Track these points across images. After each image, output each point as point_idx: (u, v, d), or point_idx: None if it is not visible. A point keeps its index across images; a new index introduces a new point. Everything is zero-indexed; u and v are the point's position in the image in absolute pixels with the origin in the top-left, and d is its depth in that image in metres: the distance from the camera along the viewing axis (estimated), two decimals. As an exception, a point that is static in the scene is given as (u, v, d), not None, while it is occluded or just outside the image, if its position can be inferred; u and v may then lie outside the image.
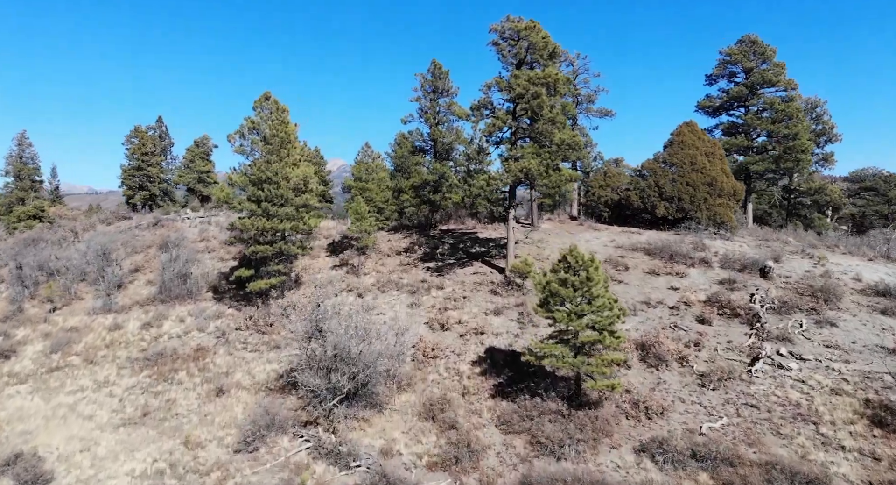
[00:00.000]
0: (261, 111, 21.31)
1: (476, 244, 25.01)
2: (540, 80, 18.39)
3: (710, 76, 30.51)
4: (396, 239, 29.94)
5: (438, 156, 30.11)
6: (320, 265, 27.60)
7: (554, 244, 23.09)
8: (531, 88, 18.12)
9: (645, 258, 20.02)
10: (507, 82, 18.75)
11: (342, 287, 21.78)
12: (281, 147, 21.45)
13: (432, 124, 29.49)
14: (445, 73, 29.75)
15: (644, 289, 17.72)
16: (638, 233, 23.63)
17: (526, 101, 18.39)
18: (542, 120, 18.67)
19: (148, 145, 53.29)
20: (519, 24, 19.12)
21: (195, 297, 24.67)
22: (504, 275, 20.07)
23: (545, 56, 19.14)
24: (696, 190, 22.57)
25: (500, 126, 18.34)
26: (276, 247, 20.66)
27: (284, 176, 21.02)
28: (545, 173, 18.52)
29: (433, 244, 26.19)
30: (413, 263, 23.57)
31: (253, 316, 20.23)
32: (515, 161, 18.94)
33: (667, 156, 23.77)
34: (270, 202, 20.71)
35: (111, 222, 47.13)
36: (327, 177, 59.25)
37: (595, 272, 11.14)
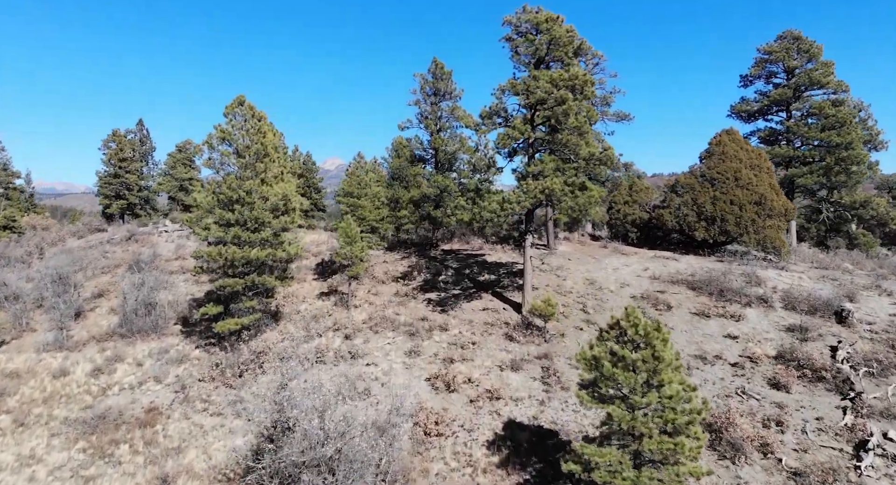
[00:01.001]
0: (233, 119, 18.48)
1: (484, 270, 22.12)
2: (565, 82, 15.58)
3: (746, 77, 27.76)
4: (393, 260, 27.07)
5: (440, 166, 27.30)
6: (306, 292, 24.71)
7: (576, 272, 20.20)
8: (554, 92, 15.31)
9: (689, 294, 17.13)
10: (525, 85, 15.93)
11: (328, 325, 18.87)
12: (257, 161, 18.61)
13: (433, 131, 26.69)
14: (448, 74, 26.99)
15: (694, 336, 14.82)
16: (674, 259, 20.75)
17: (548, 107, 15.57)
18: (565, 129, 15.84)
19: (126, 151, 50.49)
20: (538, 15, 16.33)
21: (161, 331, 21.79)
22: (520, 314, 17.17)
23: (569, 53, 16.33)
24: (743, 210, 19.72)
25: (517, 137, 15.51)
26: (248, 280, 17.77)
27: (260, 195, 18.16)
28: (571, 194, 15.68)
29: (434, 269, 23.31)
30: (411, 294, 20.67)
31: (220, 363, 17.30)
32: (535, 179, 16.10)
33: (706, 169, 20.93)
34: (243, 227, 17.85)
35: (83, 235, 44.26)
36: (320, 183, 56.49)
37: (664, 348, 8.28)
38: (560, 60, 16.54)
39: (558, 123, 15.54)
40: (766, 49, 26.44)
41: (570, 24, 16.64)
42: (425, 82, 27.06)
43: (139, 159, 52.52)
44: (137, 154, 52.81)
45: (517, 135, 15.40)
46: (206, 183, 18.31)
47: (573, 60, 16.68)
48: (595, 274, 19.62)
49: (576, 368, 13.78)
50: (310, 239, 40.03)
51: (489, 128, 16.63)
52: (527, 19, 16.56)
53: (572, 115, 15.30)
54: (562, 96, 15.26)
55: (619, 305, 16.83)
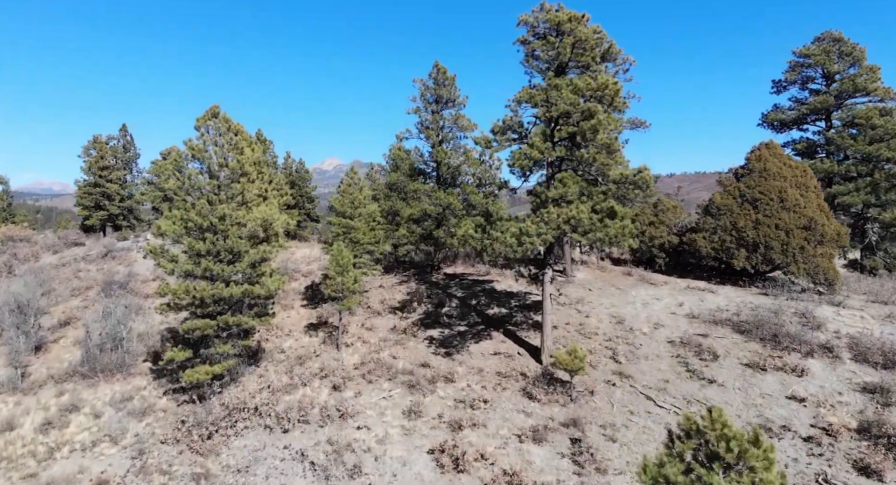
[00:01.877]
0: (205, 133, 16.27)
1: (493, 301, 19.88)
2: (592, 91, 13.41)
3: (780, 82, 25.66)
4: (390, 285, 24.82)
5: (443, 181, 25.12)
6: (293, 322, 22.45)
7: (600, 307, 17.95)
8: (580, 104, 13.13)
9: (736, 338, 14.89)
10: (545, 96, 13.75)
11: (314, 371, 16.59)
12: (233, 181, 16.40)
13: (435, 142, 24.51)
14: (451, 79, 24.86)
15: (750, 396, 12.57)
16: (710, 291, 18.52)
17: (573, 122, 13.38)
18: (592, 146, 13.65)
19: (107, 158, 48.30)
20: (559, 14, 14.17)
21: (128, 369, 19.55)
22: (539, 361, 14.92)
23: (596, 58, 14.16)
24: (790, 236, 17.52)
25: (536, 157, 13.31)
26: (221, 320, 15.51)
27: (236, 221, 15.94)
28: (600, 222, 13.47)
29: (436, 298, 21.06)
30: (411, 330, 18.40)
31: (188, 420, 15.00)
32: (556, 205, 13.90)
33: (745, 188, 18.75)
34: (215, 258, 15.61)
35: (58, 250, 41.99)
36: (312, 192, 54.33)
37: (767, 472, 6.03)
38: (585, 66, 14.38)
39: (584, 140, 13.35)
40: (803, 52, 24.36)
41: (596, 24, 14.55)
42: (426, 89, 24.93)
43: (122, 167, 50.35)
44: (120, 161, 50.64)
45: (536, 155, 13.20)
46: (173, 207, 16.07)
47: (600, 66, 14.52)
48: (622, 310, 17.39)
49: (612, 440, 11.54)
50: (301, 255, 37.85)
51: (503, 145, 14.43)
52: (546, 19, 14.41)
53: (602, 131, 13.12)
54: (590, 109, 13.08)
55: (655, 353, 14.59)
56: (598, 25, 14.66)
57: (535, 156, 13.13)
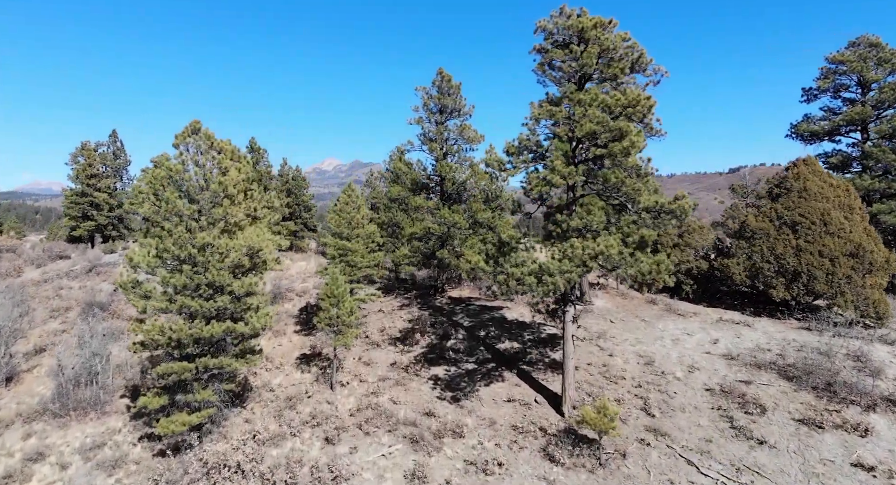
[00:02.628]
0: (185, 152, 14.72)
1: (504, 333, 18.26)
2: (623, 108, 11.84)
3: (811, 90, 24.11)
4: (390, 309, 23.23)
5: (447, 197, 23.55)
6: (284, 351, 20.86)
7: (624, 343, 16.32)
8: (610, 124, 11.56)
9: (784, 386, 13.24)
10: (566, 112, 12.18)
11: (305, 417, 14.96)
12: (215, 205, 14.84)
13: (438, 156, 22.97)
14: (456, 87, 23.36)
15: (809, 462, 10.92)
16: (746, 324, 16.89)
17: (601, 143, 11.81)
18: (619, 170, 12.07)
19: (96, 166, 46.86)
20: (583, 20, 12.63)
21: (102, 408, 18.01)
22: (560, 413, 13.29)
23: (625, 69, 12.60)
24: (835, 264, 15.90)
25: (558, 183, 11.71)
26: (201, 363, 13.92)
27: (218, 250, 14.36)
28: (631, 256, 11.88)
29: (441, 328, 19.45)
30: (413, 368, 16.78)
31: (160, 479, 13.39)
32: (580, 237, 12.33)
33: (783, 210, 17.14)
34: (194, 293, 14.03)
35: (42, 264, 40.48)
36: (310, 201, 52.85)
37: None
38: (612, 78, 12.81)
39: (614, 164, 11.76)
40: (837, 58, 22.83)
41: (624, 31, 12.95)
42: (429, 98, 23.42)
43: (111, 175, 48.92)
44: (110, 169, 49.21)
45: (558, 181, 11.61)
46: (147, 235, 14.49)
47: (629, 78, 12.96)
48: (650, 347, 15.76)
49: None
50: (296, 270, 36.26)
51: (518, 167, 12.85)
52: (567, 25, 12.85)
53: (634, 153, 11.54)
54: (621, 130, 11.51)
55: (693, 403, 12.95)
56: (626, 32, 13.11)
57: (557, 182, 11.55)
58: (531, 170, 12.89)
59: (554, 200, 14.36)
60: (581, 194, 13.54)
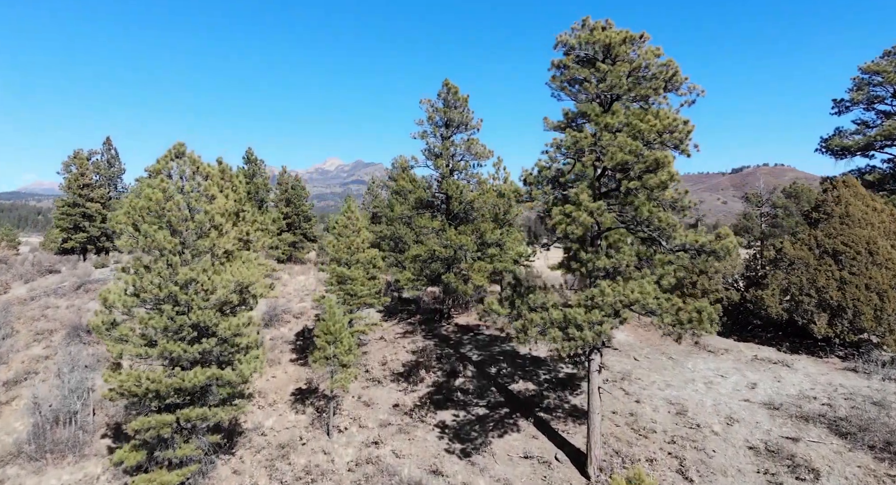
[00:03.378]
0: (166, 179, 13.43)
1: (518, 371, 16.88)
2: (658, 135, 10.52)
3: (842, 102, 22.79)
4: (392, 337, 21.90)
5: (453, 217, 22.23)
6: (278, 384, 19.54)
7: (652, 387, 14.91)
8: (645, 154, 10.23)
9: (837, 444, 11.83)
10: (592, 138, 10.87)
11: (298, 471, 13.59)
12: (200, 237, 13.55)
13: (444, 173, 21.66)
14: (463, 100, 22.08)
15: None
16: (784, 364, 15.48)
17: (635, 175, 10.48)
18: (652, 202, 10.73)
19: (88, 175, 45.73)
20: (610, 34, 11.33)
21: (81, 450, 16.79)
22: (585, 475, 11.89)
23: (659, 90, 11.28)
24: (885, 299, 14.50)
25: (585, 222, 10.35)
26: (182, 415, 12.59)
27: (203, 286, 13.05)
28: (668, 303, 10.53)
29: (448, 363, 18.08)
30: (418, 413, 15.39)
31: (135, 548, 12.07)
32: (609, 278, 10.99)
33: (823, 237, 15.76)
34: (175, 335, 12.72)
35: (31, 279, 39.31)
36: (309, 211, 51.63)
37: None
38: (643, 99, 11.48)
39: (649, 198, 10.42)
40: (871, 68, 21.49)
41: (657, 46, 11.63)
42: (434, 110, 22.13)
43: (105, 184, 47.79)
44: (104, 178, 48.08)
45: (585, 218, 10.25)
46: (123, 270, 13.19)
47: (663, 98, 11.63)
48: (681, 392, 14.36)
49: None
50: (294, 287, 34.95)
51: (539, 199, 11.51)
52: (591, 39, 11.54)
53: (672, 186, 10.21)
54: (658, 160, 10.18)
55: (735, 465, 11.55)
56: (658, 47, 11.80)
57: (584, 220, 10.19)
58: (552, 200, 11.57)
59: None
60: (608, 228, 12.18)
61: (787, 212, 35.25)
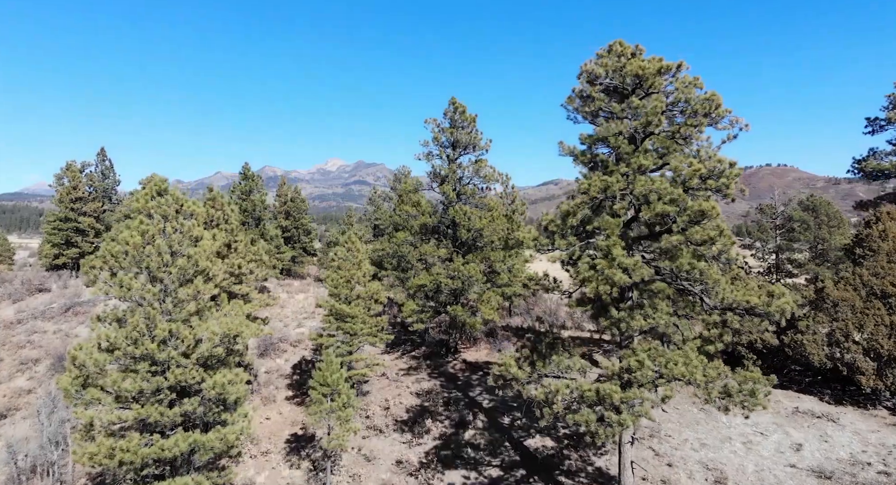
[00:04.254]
0: (145, 221, 12.17)
1: (534, 423, 15.47)
2: (702, 180, 9.23)
3: (876, 120, 21.49)
4: (396, 372, 20.56)
5: (460, 244, 20.92)
6: (271, 430, 18.20)
7: (685, 446, 13.50)
8: (689, 204, 8.93)
9: (905, 530, 10.41)
10: (623, 182, 9.57)
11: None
12: (183, 284, 12.27)
13: (451, 199, 20.37)
14: (471, 120, 20.87)
15: None
16: (829, 418, 14.08)
17: (678, 228, 9.17)
18: (694, 260, 9.39)
19: (81, 188, 44.57)
20: (641, 63, 10.07)
21: (57, 505, 15.40)
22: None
23: (702, 127, 9.98)
24: (943, 349, 13.13)
25: (622, 281, 9.01)
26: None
27: (185, 341, 11.75)
28: (713, 373, 9.19)
29: (456, 410, 16.72)
30: (423, 474, 14.00)
31: None
32: (642, 333, 9.66)
33: (870, 277, 14.40)
34: (153, 398, 11.42)
35: (20, 298, 38.14)
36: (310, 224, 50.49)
37: None
38: (683, 138, 10.18)
39: (696, 256, 9.08)
40: (909, 85, 20.23)
41: (695, 76, 10.35)
42: (440, 131, 20.90)
43: (98, 197, 46.62)
44: (98, 191, 46.93)
45: (619, 277, 8.91)
46: (98, 319, 11.92)
47: (699, 133, 10.32)
48: (718, 454, 12.97)
49: None
50: (292, 309, 33.63)
51: (561, 246, 10.19)
52: (620, 68, 10.25)
53: (721, 240, 8.89)
54: (703, 211, 8.86)
55: (788, 555, 10.11)
56: (697, 77, 10.50)
57: (619, 279, 8.87)
58: (578, 249, 10.25)
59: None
60: (642, 279, 10.83)
61: (805, 226, 34.10)
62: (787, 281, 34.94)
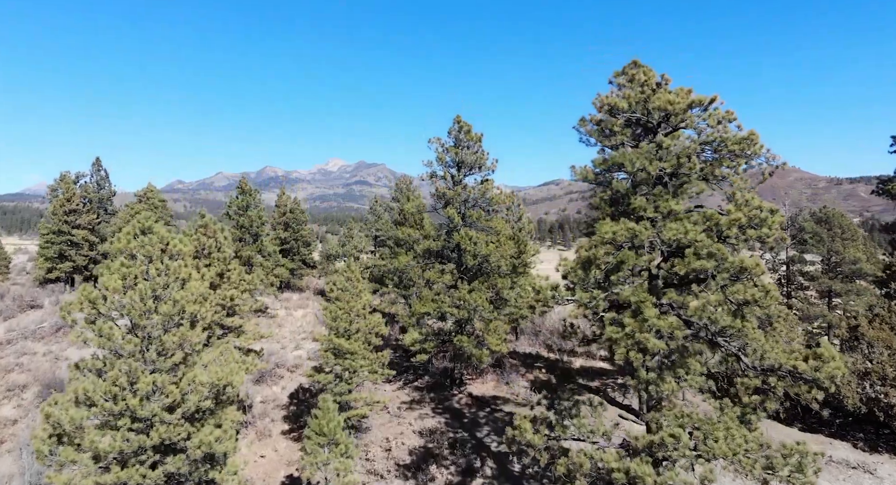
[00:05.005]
0: (126, 263, 11.28)
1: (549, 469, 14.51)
2: (741, 229, 8.31)
3: (903, 139, 20.55)
4: (397, 404, 19.60)
5: (465, 270, 19.99)
6: (265, 470, 17.27)
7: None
8: (728, 260, 8.01)
9: None
10: (657, 232, 8.66)
11: None
12: (166, 331, 11.35)
13: (457, 223, 19.44)
14: (476, 139, 19.98)
15: None
16: (865, 470, 13.09)
17: (717, 286, 8.24)
18: (731, 317, 8.45)
19: (75, 201, 43.70)
20: (669, 96, 9.20)
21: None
22: None
23: (738, 168, 9.08)
24: None
25: (656, 347, 8.06)
26: (141, 560, 10.30)
27: (167, 393, 10.82)
28: (755, 445, 8.25)
29: (463, 454, 15.74)
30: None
31: None
32: (671, 411, 8.71)
33: (909, 315, 13.46)
34: (135, 458, 10.49)
35: (11, 315, 37.21)
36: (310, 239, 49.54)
37: None
38: (716, 178, 9.26)
39: (741, 320, 8.14)
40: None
41: (728, 110, 9.44)
42: (444, 150, 20.00)
43: (93, 210, 45.74)
44: (92, 202, 46.08)
45: (653, 343, 7.96)
46: (77, 368, 11.00)
47: (736, 174, 9.40)
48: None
49: None
50: (291, 328, 32.70)
51: (585, 302, 9.24)
52: (649, 102, 9.34)
53: (768, 303, 7.95)
54: (745, 268, 7.94)
55: None
56: (731, 111, 9.57)
57: (653, 346, 7.92)
58: (601, 301, 9.30)
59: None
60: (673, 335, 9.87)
61: (818, 238, 33.49)
62: (800, 294, 34.04)
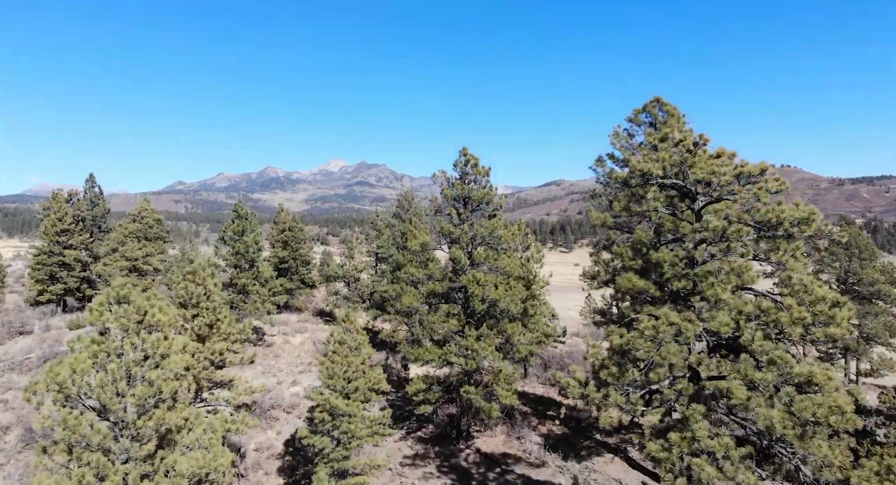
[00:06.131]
0: (98, 338, 10.19)
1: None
2: (806, 328, 7.14)
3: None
4: (398, 459, 18.37)
5: (472, 314, 18.82)
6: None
7: None
8: (797, 372, 6.85)
9: None
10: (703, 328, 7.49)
11: None
12: (143, 413, 10.23)
13: (463, 264, 18.29)
14: (484, 172, 18.93)
15: None
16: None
17: (781, 401, 7.06)
18: (794, 430, 7.26)
19: (66, 220, 42.73)
20: (713, 164, 8.07)
21: None
22: None
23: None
24: None
25: (712, 475, 6.88)
26: None
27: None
28: None
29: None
30: None
31: None
32: None
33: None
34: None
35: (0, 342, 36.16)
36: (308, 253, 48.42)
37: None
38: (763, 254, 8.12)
39: (808, 437, 6.96)
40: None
41: (778, 178, 8.31)
42: (449, 184, 18.90)
43: (87, 229, 44.74)
44: (87, 222, 45.08)
45: (708, 471, 6.78)
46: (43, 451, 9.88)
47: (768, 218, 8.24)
48: None
49: None
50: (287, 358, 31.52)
51: (622, 405, 8.05)
52: (681, 163, 8.22)
53: (844, 424, 6.76)
54: (813, 379, 6.76)
55: None
56: (780, 180, 8.40)
57: (707, 475, 6.74)
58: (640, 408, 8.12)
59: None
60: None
61: (834, 257, 32.52)
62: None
